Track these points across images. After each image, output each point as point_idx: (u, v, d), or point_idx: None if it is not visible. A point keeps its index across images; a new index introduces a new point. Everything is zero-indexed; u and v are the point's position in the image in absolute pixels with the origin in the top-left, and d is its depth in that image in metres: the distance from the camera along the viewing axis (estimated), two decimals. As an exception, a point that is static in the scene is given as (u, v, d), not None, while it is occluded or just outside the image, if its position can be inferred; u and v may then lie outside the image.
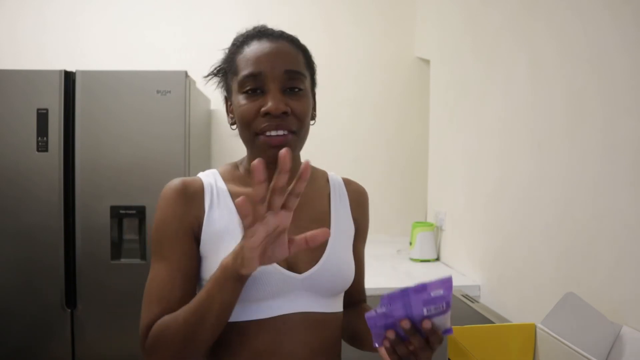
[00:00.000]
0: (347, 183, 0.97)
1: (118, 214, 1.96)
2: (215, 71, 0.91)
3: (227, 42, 0.93)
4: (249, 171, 0.87)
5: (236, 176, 0.89)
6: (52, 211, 1.93)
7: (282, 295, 0.80)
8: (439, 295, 0.63)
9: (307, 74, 0.84)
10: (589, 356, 0.83)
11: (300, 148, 0.86)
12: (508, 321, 1.47)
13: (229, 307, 0.72)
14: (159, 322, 0.78)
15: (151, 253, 0.83)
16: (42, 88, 1.92)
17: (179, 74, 1.97)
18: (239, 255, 0.66)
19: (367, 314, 0.66)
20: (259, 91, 0.79)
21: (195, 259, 0.83)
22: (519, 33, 1.57)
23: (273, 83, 0.78)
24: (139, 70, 2.00)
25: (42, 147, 1.93)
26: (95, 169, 1.95)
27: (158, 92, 1.95)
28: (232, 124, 0.88)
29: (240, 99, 0.80)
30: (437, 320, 0.65)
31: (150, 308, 0.80)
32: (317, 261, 0.83)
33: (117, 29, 2.62)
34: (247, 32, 0.86)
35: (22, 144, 1.92)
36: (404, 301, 0.63)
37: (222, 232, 0.81)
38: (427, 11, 2.54)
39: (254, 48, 0.81)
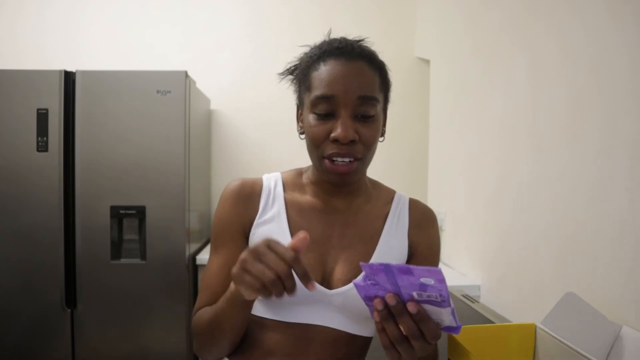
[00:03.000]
0: (413, 204, 0.94)
1: (118, 214, 1.96)
2: (289, 72, 0.91)
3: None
4: (311, 181, 0.90)
5: (297, 184, 0.91)
6: (52, 211, 1.93)
7: (308, 305, 0.82)
8: (430, 284, 0.57)
9: (380, 97, 0.82)
10: (589, 356, 0.83)
11: (366, 169, 0.86)
12: (508, 321, 1.47)
13: (242, 320, 0.78)
14: (198, 313, 0.85)
15: (210, 244, 0.90)
16: (42, 88, 1.92)
17: (179, 74, 1.97)
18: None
19: (355, 281, 0.62)
20: (329, 113, 0.78)
21: None
22: (519, 33, 1.57)
23: (344, 108, 0.77)
24: (139, 70, 2.01)
25: (42, 147, 1.93)
26: (95, 169, 1.95)
27: (158, 92, 1.95)
28: (301, 133, 0.87)
29: (311, 119, 0.80)
30: (432, 310, 0.60)
31: (201, 295, 0.87)
32: (352, 280, 0.83)
33: (117, 29, 2.62)
34: (325, 45, 0.83)
35: (22, 144, 1.92)
36: (387, 275, 0.59)
37: (266, 234, 0.84)
38: (427, 11, 2.54)
39: (330, 67, 0.79)
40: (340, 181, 0.81)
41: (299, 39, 0.91)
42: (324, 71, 0.79)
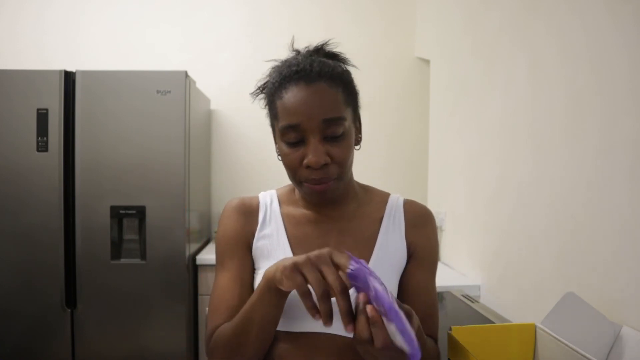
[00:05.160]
0: (408, 205, 0.94)
1: (118, 214, 1.96)
2: (260, 90, 0.92)
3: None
4: (303, 195, 0.92)
5: (291, 199, 0.94)
6: (52, 211, 1.93)
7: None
8: (376, 287, 0.60)
9: (347, 112, 0.82)
10: (589, 356, 0.83)
11: (345, 183, 0.87)
12: (508, 321, 1.47)
13: (272, 319, 0.76)
14: (218, 330, 0.83)
15: (215, 264, 0.91)
16: (42, 88, 1.92)
17: (179, 74, 1.97)
18: (279, 270, 0.69)
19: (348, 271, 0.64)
20: (299, 140, 0.80)
21: (252, 269, 0.90)
22: (519, 33, 1.57)
23: (312, 134, 0.78)
24: (139, 70, 2.00)
25: (42, 147, 1.93)
26: (95, 169, 1.95)
27: (158, 92, 1.95)
28: (279, 154, 0.88)
29: (283, 147, 0.82)
30: (387, 325, 0.61)
31: (212, 316, 0.86)
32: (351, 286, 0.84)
33: (117, 29, 2.62)
34: (285, 69, 0.82)
35: (22, 144, 1.92)
36: (364, 272, 0.61)
37: (267, 249, 0.88)
38: (427, 11, 2.54)
39: (291, 95, 0.79)
40: (322, 200, 0.84)
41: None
42: (286, 99, 0.79)
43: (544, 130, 1.41)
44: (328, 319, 0.64)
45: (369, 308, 0.61)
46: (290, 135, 0.79)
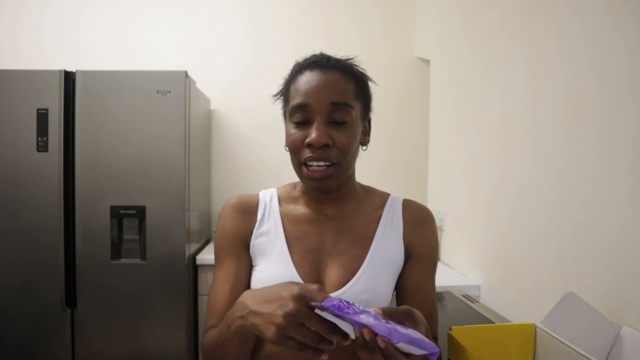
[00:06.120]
0: (406, 204, 0.94)
1: (118, 214, 1.96)
2: (280, 93, 0.93)
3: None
4: (303, 192, 0.94)
5: (291, 197, 0.95)
6: (52, 211, 1.93)
7: None
8: (373, 319, 0.58)
9: (355, 104, 0.84)
10: (589, 356, 0.83)
11: (346, 175, 0.87)
12: (508, 321, 1.47)
13: (246, 344, 0.76)
14: (207, 333, 0.85)
15: (214, 262, 0.93)
16: (42, 88, 1.92)
17: (179, 74, 1.97)
18: (258, 322, 0.65)
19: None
20: (306, 122, 0.82)
21: (249, 265, 0.91)
22: (519, 33, 1.57)
23: (319, 115, 0.80)
24: (139, 70, 2.00)
25: (42, 147, 1.92)
26: (95, 169, 1.95)
27: (158, 92, 1.95)
28: (286, 145, 0.89)
29: (290, 128, 0.84)
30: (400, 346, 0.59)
31: (207, 315, 0.88)
32: (345, 284, 0.84)
33: (117, 29, 2.62)
34: (304, 60, 0.87)
35: (22, 144, 1.92)
36: (343, 310, 0.59)
37: (265, 246, 0.88)
38: (427, 11, 2.54)
39: (304, 79, 0.83)
40: (319, 187, 0.84)
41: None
42: (299, 82, 0.83)
43: (544, 130, 1.41)
44: (330, 348, 0.63)
45: (379, 341, 0.58)
46: (298, 115, 0.82)
